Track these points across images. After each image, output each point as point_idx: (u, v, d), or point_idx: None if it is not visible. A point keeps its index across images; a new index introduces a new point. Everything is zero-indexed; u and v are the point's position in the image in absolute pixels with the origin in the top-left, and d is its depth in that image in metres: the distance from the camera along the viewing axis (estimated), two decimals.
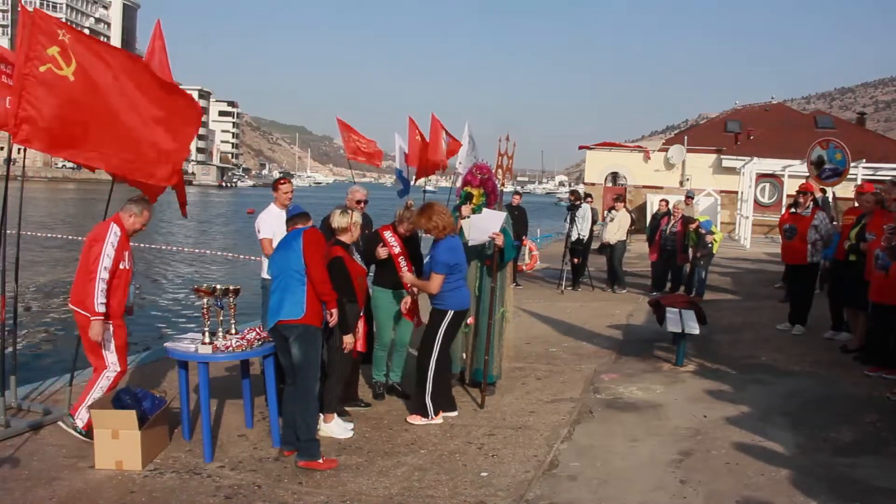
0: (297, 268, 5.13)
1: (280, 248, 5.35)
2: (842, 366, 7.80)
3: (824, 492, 4.63)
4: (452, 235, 5.87)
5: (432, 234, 5.89)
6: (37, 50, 4.98)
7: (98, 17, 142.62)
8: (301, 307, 5.07)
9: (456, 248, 5.84)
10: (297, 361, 5.12)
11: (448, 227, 5.81)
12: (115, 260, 5.30)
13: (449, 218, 5.84)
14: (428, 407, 5.88)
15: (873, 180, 15.59)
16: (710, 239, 12.22)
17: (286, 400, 5.29)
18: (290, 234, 5.36)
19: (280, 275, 5.20)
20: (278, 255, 5.31)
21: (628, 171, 30.14)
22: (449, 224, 5.81)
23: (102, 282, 5.20)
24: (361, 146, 13.32)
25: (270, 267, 5.43)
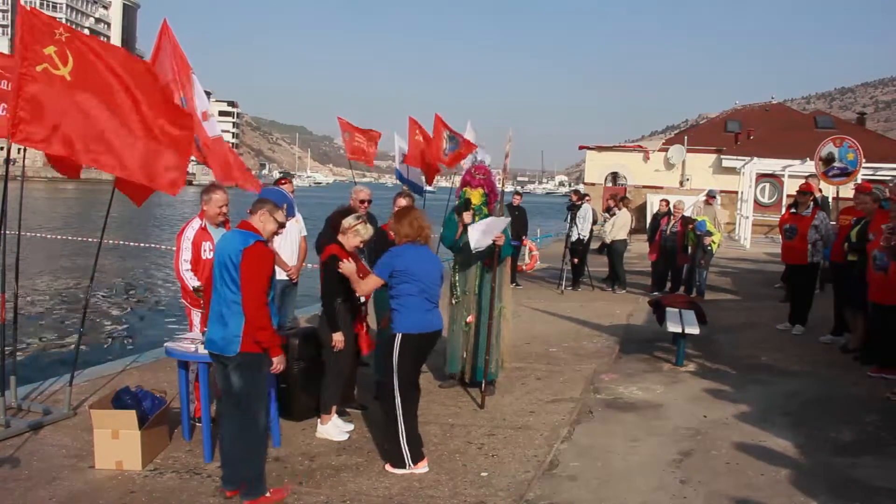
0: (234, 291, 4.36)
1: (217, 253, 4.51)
2: (842, 366, 7.80)
3: (824, 492, 4.63)
4: (413, 244, 5.06)
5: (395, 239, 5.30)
6: (33, 49, 4.99)
7: (98, 16, 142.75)
8: (237, 340, 4.35)
9: (404, 255, 5.01)
10: (237, 391, 4.42)
11: (411, 236, 5.07)
12: (195, 251, 5.72)
13: (419, 228, 5.08)
14: (405, 456, 4.94)
15: (873, 180, 15.58)
16: (709, 241, 12.21)
17: (224, 434, 4.56)
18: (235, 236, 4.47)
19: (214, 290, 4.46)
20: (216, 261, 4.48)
21: (628, 171, 30.14)
22: (415, 233, 5.07)
23: (187, 272, 5.71)
24: (363, 145, 13.32)
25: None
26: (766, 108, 38.53)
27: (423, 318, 5.01)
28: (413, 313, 4.97)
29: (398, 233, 5.13)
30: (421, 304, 4.99)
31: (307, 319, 8.77)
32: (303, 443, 5.52)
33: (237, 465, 4.43)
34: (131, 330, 12.66)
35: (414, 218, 5.13)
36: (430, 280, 5.03)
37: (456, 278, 6.88)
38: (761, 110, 37.61)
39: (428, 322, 5.05)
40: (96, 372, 7.36)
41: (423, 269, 5.00)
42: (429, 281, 5.02)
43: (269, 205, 4.54)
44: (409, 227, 5.07)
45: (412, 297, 4.96)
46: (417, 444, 5.01)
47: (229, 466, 4.47)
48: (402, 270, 4.95)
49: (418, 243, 5.07)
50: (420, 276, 4.98)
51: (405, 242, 5.08)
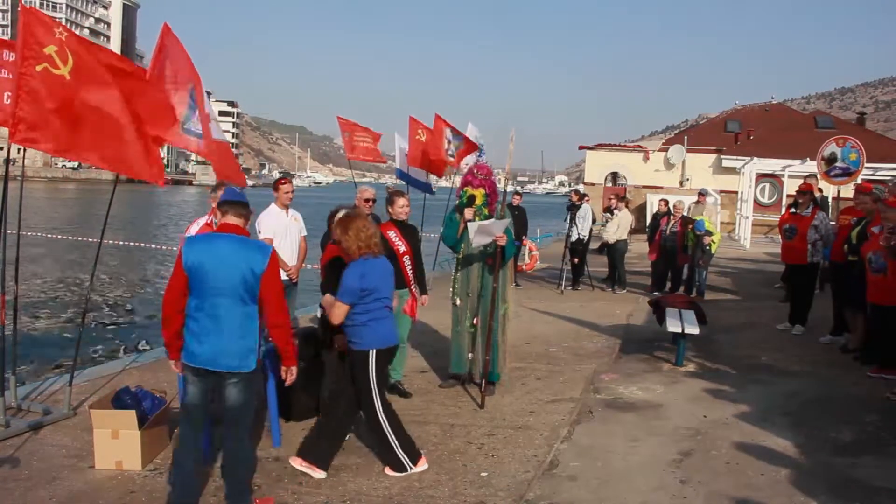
0: (251, 303, 4.13)
1: (228, 266, 4.09)
2: (842, 366, 7.80)
3: (824, 492, 4.63)
4: (368, 258, 4.77)
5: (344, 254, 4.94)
6: (33, 49, 4.99)
7: (98, 17, 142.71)
8: (254, 353, 4.16)
9: (369, 274, 4.73)
10: (242, 406, 4.21)
11: (364, 249, 4.76)
12: None
13: (367, 238, 4.77)
14: (403, 461, 4.88)
15: (873, 180, 15.58)
16: (708, 241, 12.21)
17: (226, 458, 4.26)
18: (246, 246, 4.18)
19: (219, 296, 4.06)
20: (214, 264, 4.07)
21: (628, 171, 30.15)
22: (366, 245, 4.76)
23: None
24: (364, 144, 13.29)
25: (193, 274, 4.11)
26: (766, 108, 38.54)
27: (390, 331, 4.91)
28: (382, 328, 4.84)
29: (348, 248, 4.79)
30: (385, 317, 4.86)
31: (310, 319, 8.76)
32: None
33: (241, 480, 4.25)
34: (131, 330, 12.67)
35: (360, 229, 4.78)
36: (389, 291, 4.90)
37: (457, 278, 6.89)
38: (761, 110, 37.62)
39: (393, 334, 4.97)
40: (96, 372, 7.36)
41: (385, 283, 4.84)
42: (388, 291, 4.89)
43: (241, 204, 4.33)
44: (360, 240, 4.75)
45: (377, 311, 4.80)
46: (411, 446, 4.97)
47: (233, 484, 4.23)
48: (369, 290, 4.73)
49: (372, 255, 4.79)
50: (383, 290, 4.82)
51: (361, 256, 4.76)
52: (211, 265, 4.05)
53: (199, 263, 4.04)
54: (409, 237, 6.60)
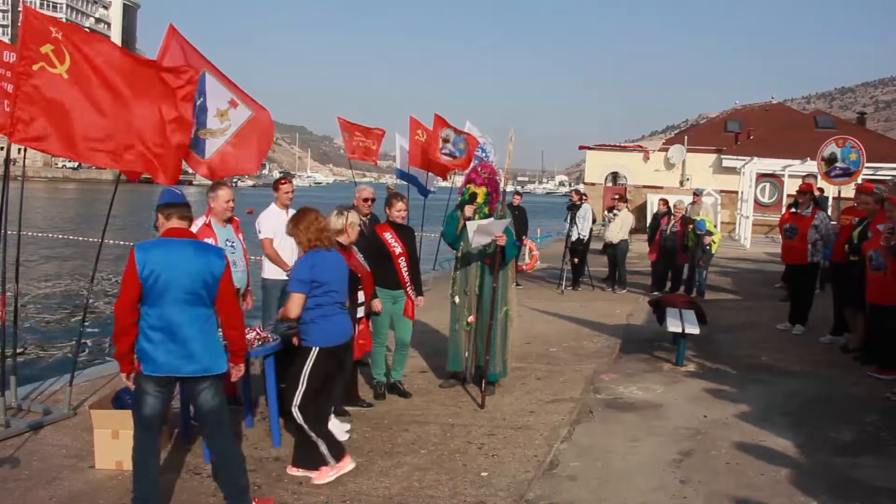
0: (210, 306, 4.14)
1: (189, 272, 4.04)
2: (842, 366, 7.80)
3: (824, 492, 4.63)
4: (319, 250, 4.75)
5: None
6: (30, 48, 4.98)
7: (98, 16, 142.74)
8: (223, 355, 4.23)
9: (319, 265, 4.70)
10: (219, 407, 4.20)
11: (314, 242, 4.75)
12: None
13: (317, 231, 4.76)
14: (325, 456, 4.75)
15: (873, 180, 15.56)
16: (709, 240, 12.21)
17: (219, 459, 4.24)
18: (203, 250, 4.17)
19: (182, 302, 4.02)
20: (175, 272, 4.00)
21: (628, 170, 30.14)
22: (316, 238, 4.75)
23: None
24: (364, 144, 13.29)
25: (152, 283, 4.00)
26: (766, 107, 38.52)
27: (337, 329, 4.81)
28: (329, 325, 4.75)
29: (298, 241, 4.81)
30: (333, 313, 4.77)
31: None
32: None
33: (237, 478, 4.24)
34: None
35: (311, 222, 4.77)
36: (340, 286, 4.82)
37: (456, 277, 6.89)
38: (761, 110, 37.60)
39: (343, 332, 4.86)
40: (96, 372, 7.36)
41: (335, 277, 4.77)
42: (340, 287, 4.82)
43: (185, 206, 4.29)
44: (310, 232, 4.73)
45: (327, 307, 4.73)
46: (335, 444, 4.82)
47: (230, 484, 4.22)
48: (319, 282, 4.67)
49: (323, 248, 4.77)
50: (334, 284, 4.74)
51: (311, 248, 4.75)
52: (172, 272, 3.97)
53: (159, 271, 3.95)
54: (406, 238, 6.61)
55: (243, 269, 6.20)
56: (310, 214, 4.81)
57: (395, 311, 6.62)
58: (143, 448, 4.11)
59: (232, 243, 6.10)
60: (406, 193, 8.36)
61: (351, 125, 13.22)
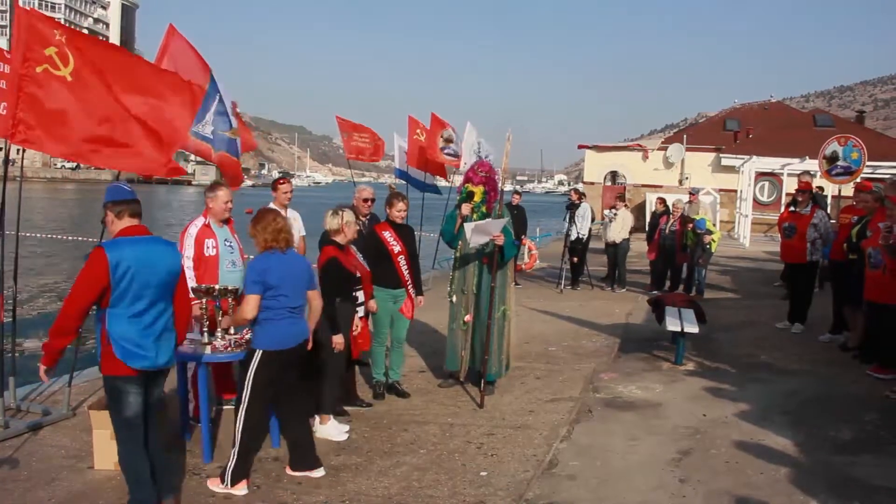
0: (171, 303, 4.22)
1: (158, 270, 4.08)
2: (841, 364, 7.80)
3: (823, 490, 4.63)
4: (274, 251, 4.68)
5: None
6: (34, 50, 4.98)
7: (97, 17, 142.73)
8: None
9: (271, 269, 4.63)
10: (163, 398, 4.31)
11: (270, 242, 4.67)
12: (197, 248, 5.71)
13: (274, 232, 4.68)
14: (226, 473, 4.61)
15: (872, 178, 15.57)
16: (709, 239, 12.21)
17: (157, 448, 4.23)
18: (167, 248, 4.24)
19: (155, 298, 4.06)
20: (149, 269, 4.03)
21: (627, 170, 30.14)
22: (272, 238, 4.67)
23: (189, 269, 5.56)
24: (363, 144, 13.29)
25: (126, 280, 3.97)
26: (764, 106, 38.50)
27: (284, 332, 4.69)
28: (275, 329, 4.66)
29: (255, 241, 4.75)
30: (281, 317, 4.67)
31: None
32: None
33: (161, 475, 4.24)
34: None
35: (269, 222, 4.70)
36: (294, 289, 4.71)
37: (454, 275, 6.90)
38: (760, 109, 37.58)
39: (290, 336, 4.72)
40: (95, 372, 7.30)
41: (287, 280, 4.67)
42: (293, 291, 4.70)
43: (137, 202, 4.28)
44: (266, 232, 4.67)
45: (276, 310, 4.64)
46: (243, 466, 4.65)
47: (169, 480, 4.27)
48: (269, 285, 4.60)
49: (279, 249, 4.70)
50: (284, 288, 4.65)
51: (266, 249, 4.69)
52: (146, 270, 3.99)
53: (136, 269, 3.94)
54: (405, 237, 6.61)
55: (241, 270, 6.21)
56: (268, 215, 4.77)
57: (393, 310, 6.62)
58: (133, 450, 4.11)
59: (230, 243, 6.11)
60: (405, 193, 8.34)
61: (350, 125, 13.22)
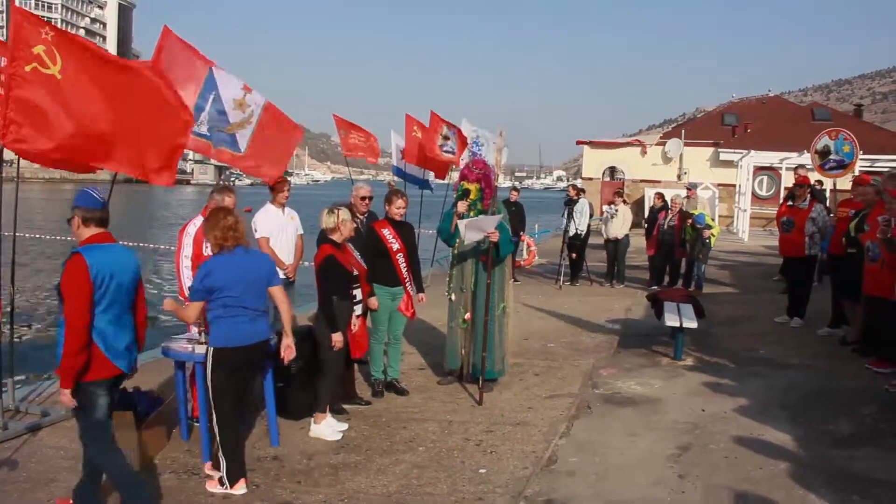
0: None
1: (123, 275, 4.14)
2: (840, 358, 7.80)
3: (823, 484, 4.62)
4: (222, 253, 4.65)
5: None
6: (22, 49, 4.96)
7: (94, 17, 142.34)
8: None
9: (214, 272, 4.59)
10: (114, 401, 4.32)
11: (220, 240, 4.64)
12: (196, 247, 5.75)
13: (223, 230, 4.64)
14: (223, 477, 4.64)
15: (870, 172, 15.56)
16: (708, 234, 12.21)
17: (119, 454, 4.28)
18: (128, 254, 4.27)
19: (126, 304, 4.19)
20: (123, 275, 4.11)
21: (626, 165, 30.13)
22: (222, 237, 4.64)
23: (186, 269, 5.77)
24: (360, 142, 13.29)
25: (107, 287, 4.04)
26: (762, 100, 38.41)
27: (237, 330, 4.63)
28: (230, 326, 4.62)
29: (208, 239, 4.76)
30: (234, 315, 4.62)
31: (308, 318, 8.76)
32: (301, 441, 5.52)
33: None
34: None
35: (218, 220, 4.68)
36: (246, 289, 4.64)
37: (452, 273, 6.89)
38: (758, 103, 37.49)
39: (242, 334, 4.66)
40: None
41: (235, 281, 4.61)
42: (244, 290, 4.63)
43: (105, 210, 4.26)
44: (216, 230, 4.65)
45: (225, 308, 4.61)
46: (236, 465, 4.66)
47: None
48: (213, 289, 4.58)
49: (227, 249, 4.65)
50: (230, 288, 4.59)
51: (217, 251, 4.67)
52: (121, 275, 4.08)
53: (110, 274, 4.00)
54: (404, 235, 6.60)
55: None
56: (218, 213, 4.76)
57: (391, 307, 6.61)
58: (107, 449, 4.14)
59: None
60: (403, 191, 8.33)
61: (347, 123, 13.21)
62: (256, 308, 4.73)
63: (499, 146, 7.14)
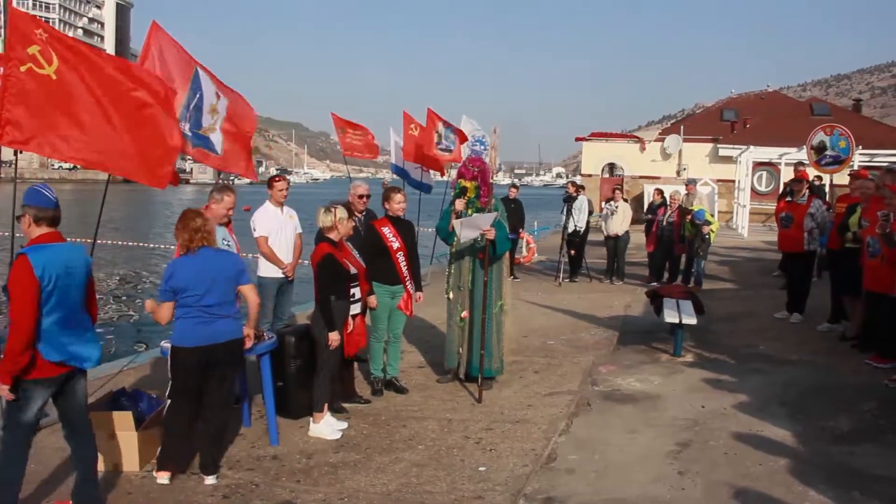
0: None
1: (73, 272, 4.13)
2: (840, 354, 7.79)
3: (822, 481, 4.62)
4: (188, 254, 4.71)
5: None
6: (16, 50, 4.95)
7: (91, 16, 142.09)
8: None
9: (177, 272, 4.66)
10: (83, 400, 4.38)
11: (188, 242, 4.70)
12: None
13: (191, 232, 4.70)
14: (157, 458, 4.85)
15: (869, 167, 15.55)
16: (707, 229, 12.20)
17: (81, 453, 4.36)
18: (78, 251, 4.28)
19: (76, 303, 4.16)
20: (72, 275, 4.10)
21: (625, 161, 30.08)
22: (189, 238, 4.69)
23: None
24: (358, 140, 13.27)
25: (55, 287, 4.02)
26: (761, 96, 38.37)
27: (192, 331, 4.66)
28: (186, 326, 4.66)
29: (178, 241, 4.81)
30: (193, 315, 4.65)
31: (307, 317, 8.76)
32: (300, 440, 5.51)
33: (94, 469, 4.36)
34: (128, 330, 12.63)
35: (187, 221, 4.74)
36: (209, 288, 4.65)
37: (451, 271, 6.88)
38: (757, 98, 37.45)
39: (202, 335, 4.66)
40: (92, 373, 7.30)
41: (197, 281, 4.63)
42: (207, 289, 4.64)
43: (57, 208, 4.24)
44: (185, 231, 4.70)
45: (186, 308, 4.66)
46: (167, 454, 4.78)
47: (90, 480, 4.32)
48: (177, 289, 4.64)
49: (192, 251, 4.69)
50: (192, 288, 4.62)
51: (183, 252, 4.73)
52: (67, 275, 4.04)
53: (58, 274, 3.98)
54: (405, 233, 6.59)
55: None
56: (187, 215, 4.81)
57: (391, 306, 6.60)
58: (19, 458, 4.11)
59: (228, 242, 6.10)
60: (401, 187, 8.31)
61: (345, 122, 13.19)
62: (220, 308, 4.71)
63: (493, 144, 7.12)
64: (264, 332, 5.61)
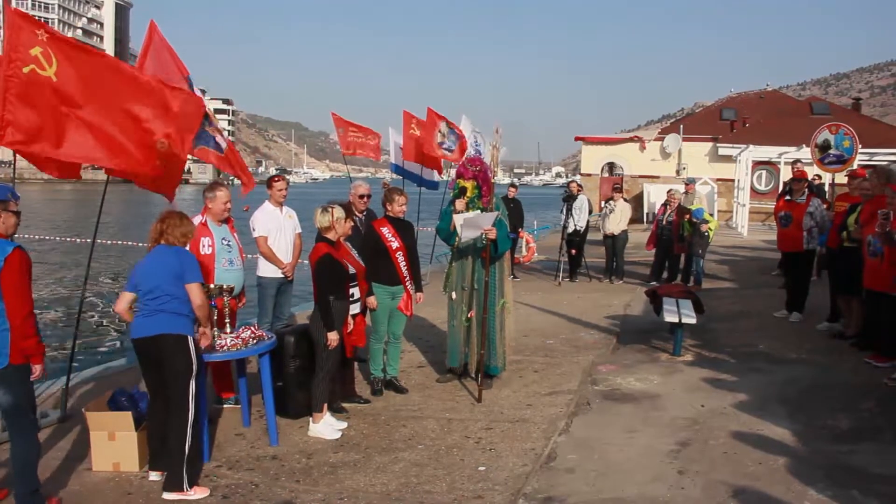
0: None
1: None
2: (839, 353, 7.79)
3: (822, 479, 4.62)
4: (150, 253, 4.84)
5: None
6: (19, 51, 4.95)
7: (90, 16, 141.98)
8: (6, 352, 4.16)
9: (134, 268, 4.84)
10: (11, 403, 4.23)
11: (152, 240, 4.84)
12: (193, 245, 5.63)
13: (157, 234, 4.82)
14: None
15: (869, 166, 15.54)
16: (706, 228, 12.20)
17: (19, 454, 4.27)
18: None
19: None
20: None
21: (624, 161, 30.09)
22: (154, 237, 4.82)
23: None
24: (358, 140, 13.28)
25: None
26: (761, 95, 38.37)
27: (134, 323, 4.77)
28: (135, 318, 4.77)
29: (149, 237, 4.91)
30: (139, 309, 4.75)
31: (306, 317, 8.76)
32: (300, 440, 5.52)
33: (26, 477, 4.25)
34: (127, 330, 12.64)
35: (159, 221, 4.84)
36: (153, 284, 4.69)
37: (452, 272, 6.88)
38: (757, 97, 37.46)
39: (137, 327, 4.74)
40: (91, 374, 7.35)
41: (145, 277, 4.72)
42: (152, 286, 4.69)
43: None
44: (154, 233, 4.82)
45: (138, 302, 4.77)
46: (154, 453, 4.87)
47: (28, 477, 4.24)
48: (133, 282, 4.77)
49: (150, 248, 4.83)
50: (142, 283, 4.72)
51: (149, 249, 4.85)
52: None
53: None
54: (404, 233, 6.58)
55: (240, 268, 6.21)
56: (161, 215, 4.89)
57: (391, 306, 6.60)
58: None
59: (228, 242, 6.11)
60: (402, 188, 8.32)
61: (345, 122, 13.20)
62: (160, 303, 4.68)
63: (495, 143, 7.12)
64: (264, 332, 5.60)
